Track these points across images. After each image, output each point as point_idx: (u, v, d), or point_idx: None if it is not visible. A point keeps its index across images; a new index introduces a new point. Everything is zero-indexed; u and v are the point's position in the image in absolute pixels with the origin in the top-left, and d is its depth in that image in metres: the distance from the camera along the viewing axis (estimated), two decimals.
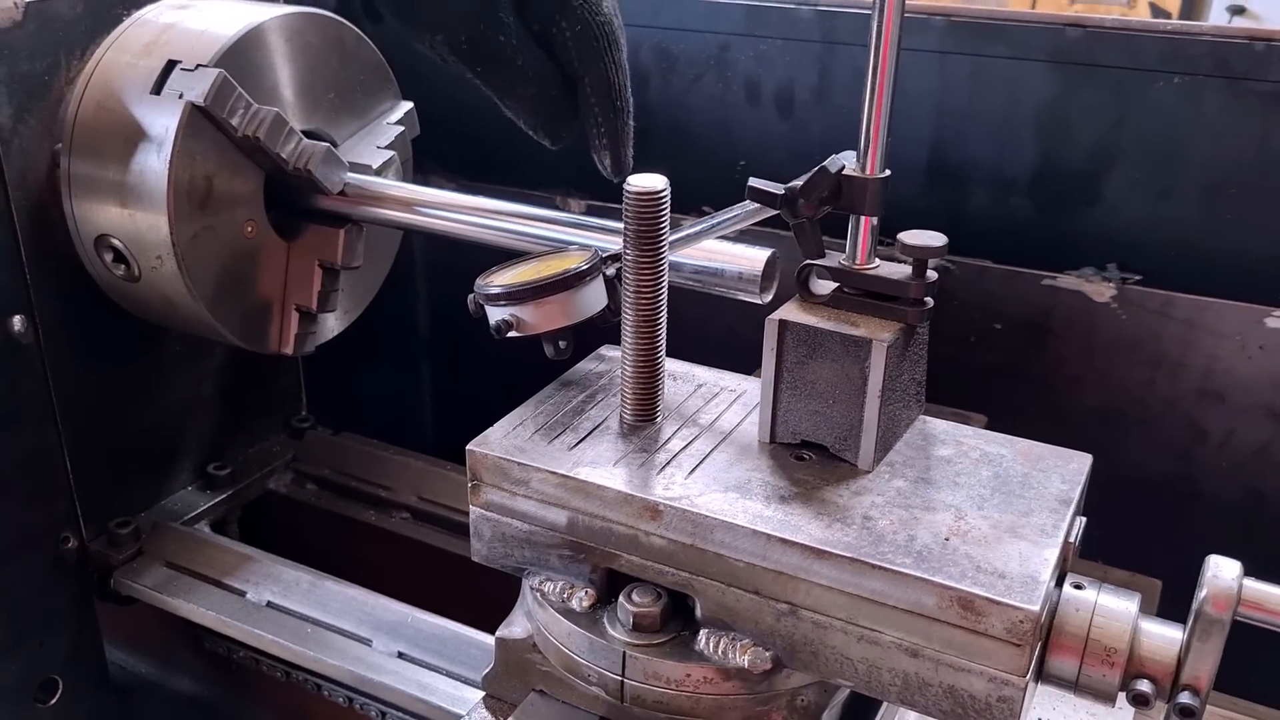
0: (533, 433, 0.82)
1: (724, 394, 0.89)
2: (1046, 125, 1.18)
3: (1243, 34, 1.04)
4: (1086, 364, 1.25)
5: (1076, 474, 0.79)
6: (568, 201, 1.47)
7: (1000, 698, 0.67)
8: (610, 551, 0.77)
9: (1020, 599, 0.65)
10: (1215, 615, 0.68)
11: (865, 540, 0.70)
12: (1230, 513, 1.22)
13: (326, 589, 1.17)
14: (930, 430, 0.84)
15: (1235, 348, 1.17)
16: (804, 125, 1.29)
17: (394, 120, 1.23)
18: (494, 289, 0.86)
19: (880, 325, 0.77)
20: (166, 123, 1.03)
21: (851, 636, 0.71)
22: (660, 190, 0.77)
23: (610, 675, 0.77)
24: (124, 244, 1.08)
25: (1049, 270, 1.24)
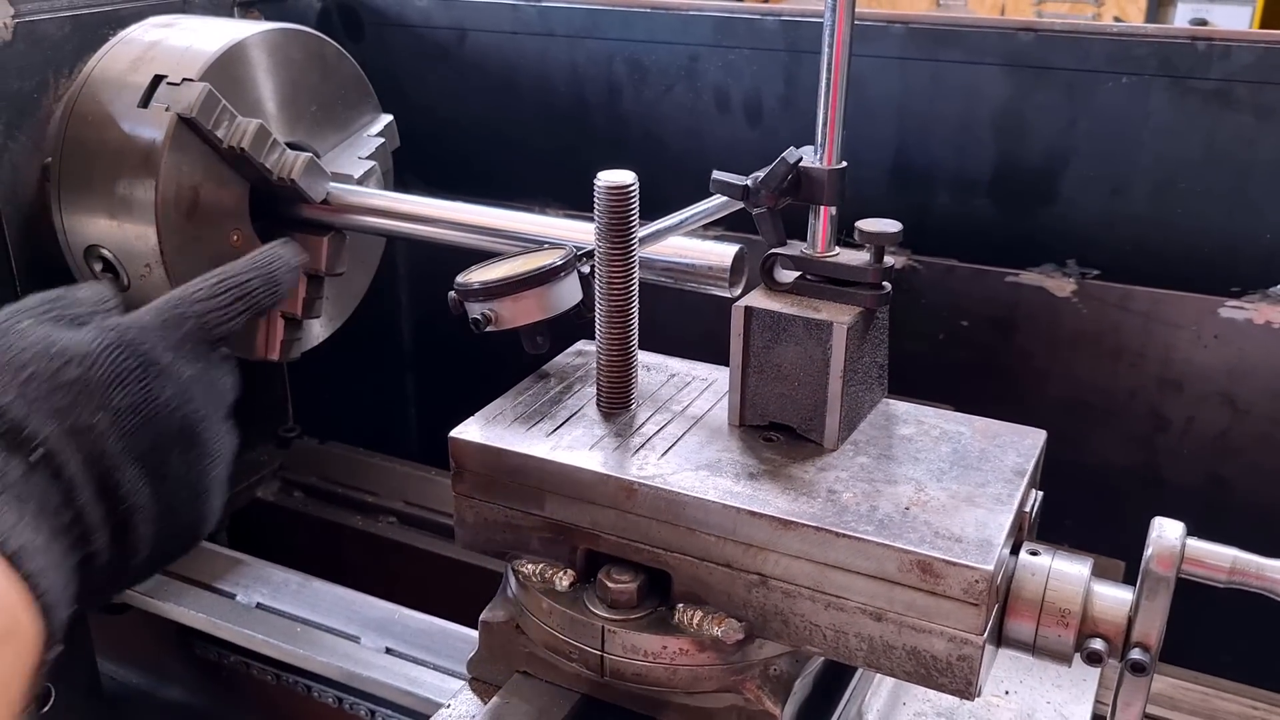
0: (512, 420, 0.86)
1: (696, 382, 0.92)
2: (1004, 127, 1.22)
3: (1185, 34, 1.09)
4: (1050, 357, 1.29)
5: (1031, 448, 0.83)
6: (545, 211, 1.50)
7: (960, 656, 0.71)
8: (588, 531, 0.80)
9: (975, 560, 0.69)
10: (1161, 573, 0.72)
11: (830, 511, 0.74)
12: (1192, 497, 1.26)
13: (315, 589, 1.20)
14: (893, 411, 0.87)
15: (1191, 338, 1.22)
16: (772, 131, 1.33)
17: (374, 132, 1.27)
18: (473, 285, 0.90)
19: (841, 309, 0.80)
20: (153, 135, 1.07)
21: (819, 604, 0.74)
22: (629, 184, 0.80)
23: (590, 650, 0.80)
24: (113, 254, 1.11)
25: (1012, 267, 1.28)
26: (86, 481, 0.63)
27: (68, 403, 0.63)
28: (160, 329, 0.70)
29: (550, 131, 1.46)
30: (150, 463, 0.66)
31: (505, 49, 1.43)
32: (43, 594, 0.57)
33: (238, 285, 0.75)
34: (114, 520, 0.65)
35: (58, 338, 0.66)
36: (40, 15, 1.12)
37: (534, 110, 1.45)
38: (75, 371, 0.64)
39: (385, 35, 1.48)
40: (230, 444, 0.74)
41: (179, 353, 0.70)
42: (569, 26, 1.38)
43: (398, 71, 1.45)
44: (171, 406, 0.68)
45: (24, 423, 0.61)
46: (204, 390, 0.71)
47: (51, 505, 0.61)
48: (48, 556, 0.59)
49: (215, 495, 0.73)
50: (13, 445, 0.60)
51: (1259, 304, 1.15)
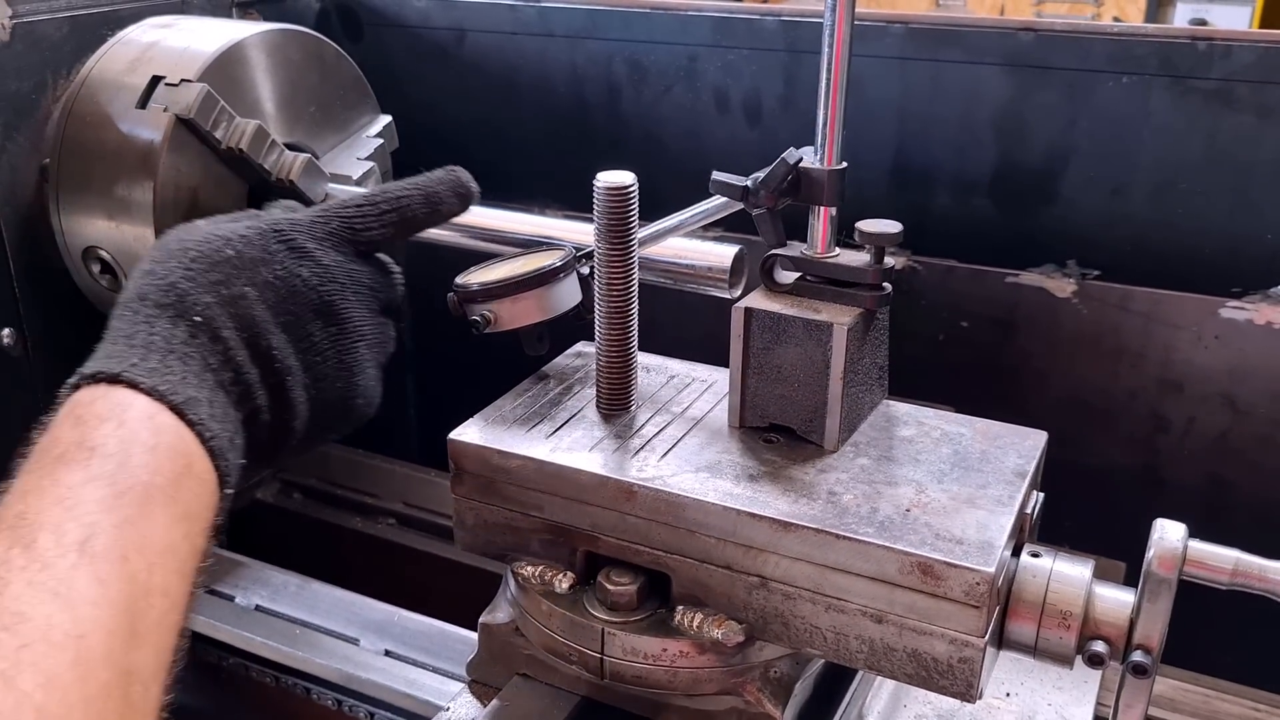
0: (511, 422, 0.85)
1: (695, 384, 0.92)
2: (1004, 127, 1.22)
3: (1186, 33, 1.09)
4: (1050, 358, 1.29)
5: (1032, 449, 0.82)
6: (545, 212, 1.50)
7: (961, 659, 0.71)
8: (588, 533, 0.80)
9: (976, 562, 0.69)
10: (1163, 575, 0.71)
11: (830, 513, 0.74)
12: (1192, 498, 1.26)
13: (314, 591, 1.19)
14: (893, 413, 0.87)
15: (1192, 338, 1.21)
16: (771, 132, 1.33)
17: (373, 133, 1.26)
18: (472, 286, 0.89)
19: (841, 310, 0.80)
20: (152, 136, 1.07)
21: (819, 606, 0.74)
22: (628, 185, 0.80)
23: (590, 653, 0.80)
24: (111, 255, 1.11)
25: (1012, 268, 1.28)
26: (241, 344, 0.73)
27: (223, 277, 0.74)
28: (309, 224, 0.82)
29: (549, 132, 1.46)
30: (294, 331, 0.77)
31: (504, 49, 1.43)
32: (210, 438, 0.66)
33: (389, 199, 0.86)
34: (270, 380, 0.75)
35: (221, 228, 0.78)
36: (38, 16, 1.11)
37: (533, 111, 1.45)
38: (230, 251, 0.75)
39: (384, 36, 1.48)
40: (378, 333, 0.84)
41: (321, 244, 0.80)
42: (568, 27, 1.38)
43: (397, 72, 1.45)
44: (312, 284, 0.78)
45: (188, 294, 0.71)
46: (344, 277, 0.81)
47: (214, 363, 0.71)
48: (212, 408, 0.68)
49: (362, 374, 0.82)
50: (179, 314, 0.71)
51: (1260, 305, 1.15)
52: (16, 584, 0.53)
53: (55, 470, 0.59)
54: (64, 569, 0.54)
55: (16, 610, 0.52)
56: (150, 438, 0.63)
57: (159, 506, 0.61)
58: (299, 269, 0.78)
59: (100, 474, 0.60)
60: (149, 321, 0.70)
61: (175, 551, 0.61)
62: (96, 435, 0.62)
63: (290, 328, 0.77)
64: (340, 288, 0.80)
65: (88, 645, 0.52)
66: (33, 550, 0.54)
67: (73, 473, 0.59)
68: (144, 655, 0.56)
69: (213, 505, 0.67)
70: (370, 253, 0.85)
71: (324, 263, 0.80)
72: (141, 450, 0.62)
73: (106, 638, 0.54)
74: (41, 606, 0.52)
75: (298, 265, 0.78)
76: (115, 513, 0.58)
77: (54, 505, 0.57)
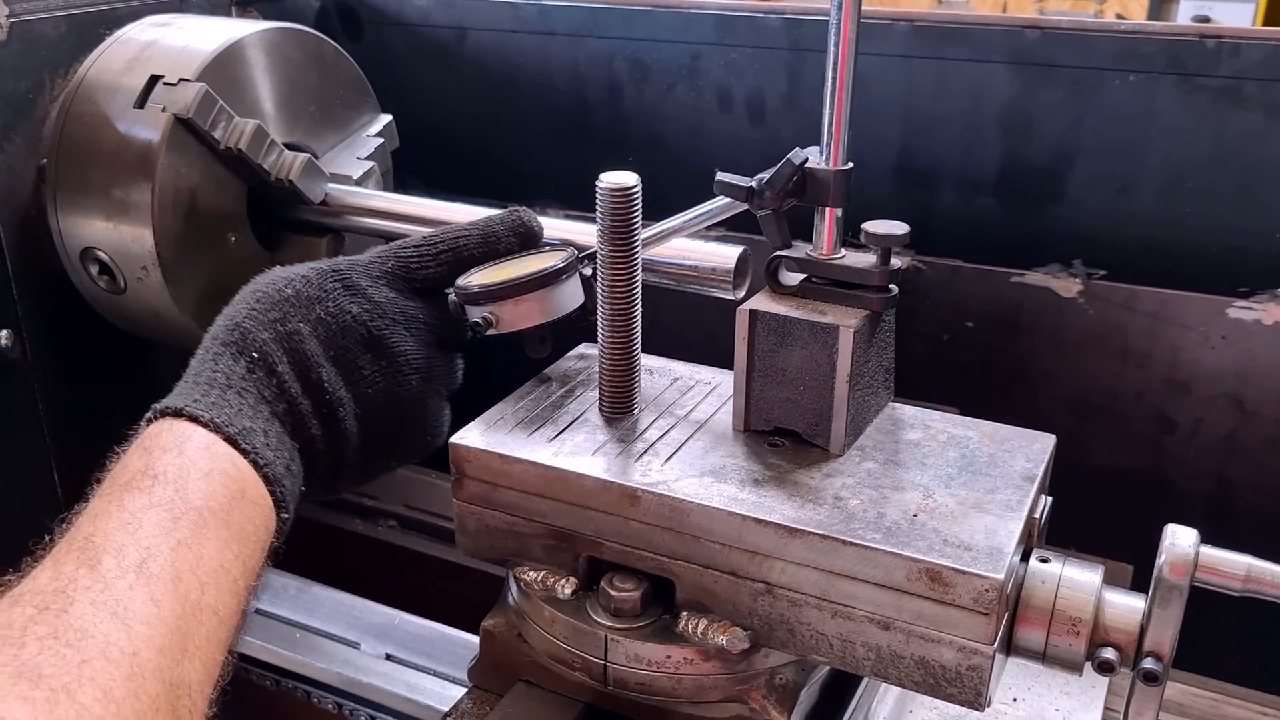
0: (513, 426, 0.85)
1: (699, 386, 0.91)
2: (1009, 126, 1.21)
3: (1193, 31, 1.08)
4: (1056, 358, 1.28)
5: (1040, 453, 0.81)
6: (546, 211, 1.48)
7: (969, 666, 0.70)
8: (591, 539, 0.79)
9: (985, 569, 0.68)
10: (1174, 581, 0.70)
11: (836, 518, 0.73)
12: (1199, 500, 1.25)
13: (314, 594, 1.19)
14: (899, 416, 0.86)
15: (1199, 339, 1.20)
16: (775, 131, 1.32)
17: (373, 132, 1.25)
18: (473, 288, 0.88)
19: (847, 312, 0.79)
20: (150, 136, 1.06)
21: (825, 612, 0.73)
22: (631, 186, 0.79)
23: (593, 660, 0.79)
24: (109, 256, 1.09)
25: (1017, 268, 1.27)
26: (294, 377, 0.78)
27: (281, 315, 0.79)
28: (366, 264, 0.86)
29: (551, 131, 1.44)
30: (344, 364, 0.81)
31: (505, 48, 1.42)
32: (264, 465, 0.71)
33: (446, 239, 0.89)
34: (322, 411, 0.79)
35: (288, 270, 0.83)
36: (35, 15, 1.10)
37: (534, 109, 1.43)
38: (290, 291, 0.80)
39: (384, 34, 1.47)
40: (434, 366, 0.87)
41: (375, 282, 0.85)
42: (569, 25, 1.37)
43: (397, 70, 1.44)
44: (362, 320, 0.82)
45: (249, 332, 0.77)
46: (397, 313, 0.85)
47: (269, 396, 0.76)
48: (267, 437, 0.73)
49: (416, 405, 0.86)
50: (240, 350, 0.76)
51: (1268, 304, 1.14)
52: (81, 603, 0.58)
53: (122, 496, 0.66)
54: (122, 589, 0.60)
55: (80, 628, 0.57)
56: (206, 465, 0.69)
57: (212, 530, 0.67)
58: (350, 305, 0.82)
59: (160, 500, 0.66)
60: (215, 359, 0.76)
61: (227, 571, 0.66)
62: (159, 464, 0.68)
63: (340, 361, 0.81)
64: (391, 323, 0.84)
65: (140, 661, 0.57)
66: (97, 571, 0.60)
67: (137, 498, 0.66)
68: (192, 669, 0.61)
69: (268, 528, 0.72)
70: (429, 290, 0.88)
71: (376, 299, 0.84)
72: (198, 477, 0.68)
73: (157, 654, 0.59)
74: (101, 625, 0.58)
75: (349, 302, 0.82)
76: (171, 536, 0.64)
77: (118, 529, 0.63)
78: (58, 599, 0.59)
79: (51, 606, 0.58)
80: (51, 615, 0.57)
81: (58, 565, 0.61)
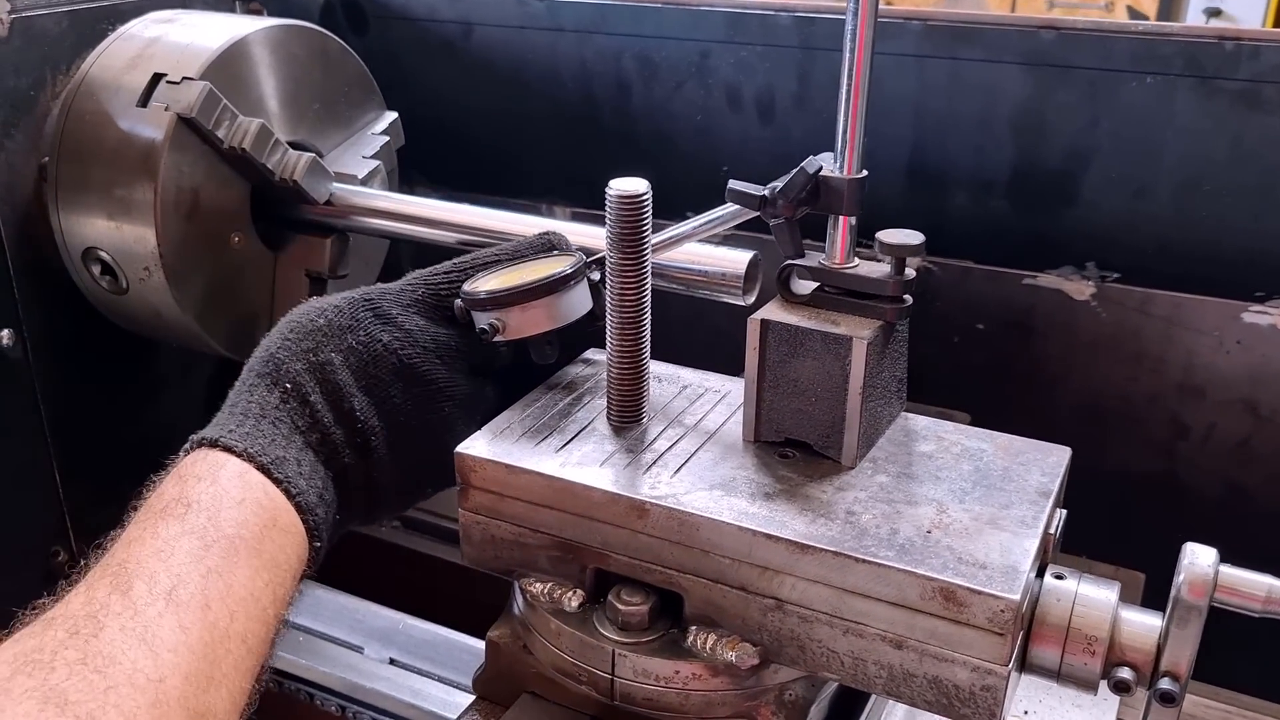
0: (520, 435, 0.83)
1: (709, 394, 0.90)
2: (1023, 127, 1.19)
3: (1212, 33, 1.06)
4: (1068, 362, 1.26)
5: (1056, 466, 0.80)
6: (553, 210, 1.48)
7: (984, 687, 0.68)
8: (598, 551, 0.78)
9: (1001, 588, 0.67)
10: (1193, 601, 0.69)
11: (849, 534, 0.72)
12: (1212, 507, 1.24)
13: (317, 597, 1.18)
14: (912, 426, 0.85)
15: (1214, 343, 1.19)
16: (785, 130, 1.30)
17: (379, 130, 1.24)
18: (480, 294, 0.87)
19: (860, 323, 0.78)
20: (153, 135, 1.04)
21: (837, 630, 0.72)
22: (642, 193, 0.78)
23: (600, 674, 0.78)
24: (111, 256, 1.08)
25: (1029, 270, 1.25)
26: (326, 407, 0.78)
27: (314, 345, 0.79)
28: (397, 292, 0.86)
29: (558, 129, 1.43)
30: (376, 394, 0.81)
31: (512, 44, 1.40)
32: (297, 494, 0.72)
33: (476, 264, 0.89)
34: (355, 440, 0.79)
35: (321, 300, 0.83)
36: (38, 10, 1.09)
37: (542, 107, 1.42)
38: (322, 321, 0.81)
39: (390, 29, 1.45)
40: (467, 393, 0.86)
41: (406, 310, 0.85)
42: (577, 21, 1.35)
43: (403, 67, 1.42)
44: (393, 349, 0.82)
45: (283, 363, 0.78)
46: (428, 341, 0.84)
47: (302, 426, 0.76)
48: (300, 466, 0.74)
49: (449, 432, 0.85)
50: (274, 381, 0.77)
51: None
52: (110, 629, 0.59)
53: (156, 523, 0.66)
54: (152, 616, 0.60)
55: (108, 654, 0.57)
56: (239, 494, 0.70)
57: (243, 558, 0.67)
58: (380, 334, 0.82)
59: (193, 527, 0.66)
60: (250, 390, 0.77)
61: (257, 600, 0.67)
62: (193, 492, 0.69)
63: (372, 390, 0.81)
64: (423, 351, 0.84)
65: (166, 689, 0.58)
66: (128, 597, 0.61)
67: (170, 526, 0.66)
68: (218, 698, 0.61)
69: (300, 557, 0.73)
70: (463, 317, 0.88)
71: (406, 328, 0.84)
72: (230, 505, 0.69)
73: (183, 682, 0.59)
74: (129, 651, 0.58)
75: (380, 331, 0.83)
76: (202, 563, 0.65)
77: (151, 556, 0.64)
78: (88, 624, 0.59)
79: (82, 631, 0.59)
80: (81, 640, 0.58)
81: (90, 590, 0.62)
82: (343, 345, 0.80)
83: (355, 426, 0.79)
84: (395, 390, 0.82)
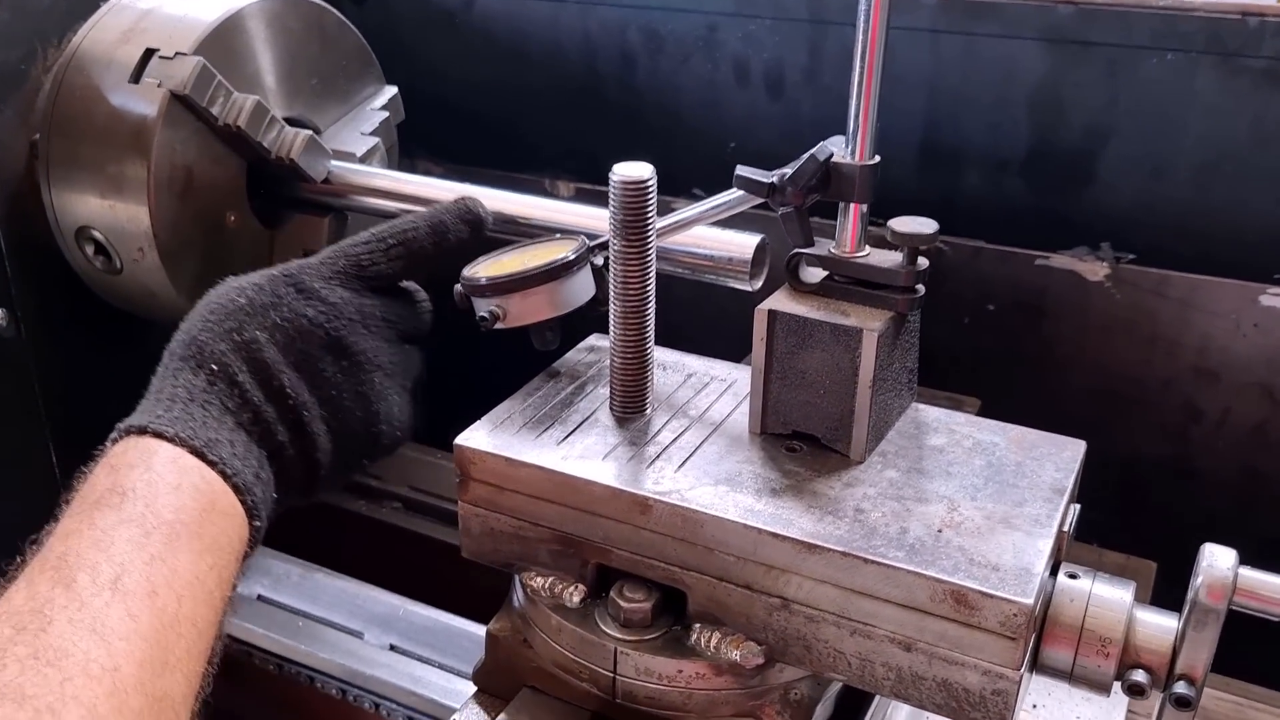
0: (520, 426, 0.81)
1: (714, 383, 0.87)
2: (1040, 104, 1.16)
3: (1235, 9, 1.03)
4: (1081, 344, 1.24)
5: (1070, 461, 0.78)
6: (556, 184, 1.45)
7: (994, 690, 0.67)
8: (600, 546, 0.76)
9: (1014, 592, 0.65)
10: (1211, 605, 0.67)
11: (857, 533, 0.70)
12: (1226, 492, 1.22)
13: (317, 581, 1.16)
14: (922, 418, 0.83)
15: (1230, 326, 1.17)
16: (794, 105, 1.27)
17: (378, 106, 1.21)
18: (480, 280, 0.85)
19: (870, 314, 0.75)
20: (145, 112, 1.01)
21: (844, 630, 0.70)
22: (646, 179, 0.75)
23: (602, 671, 0.76)
24: (105, 236, 1.06)
25: (1042, 250, 1.23)
26: (255, 386, 0.76)
27: (236, 324, 0.78)
28: (317, 266, 0.84)
29: (561, 102, 1.40)
30: (305, 369, 0.80)
31: (514, 15, 1.37)
32: (234, 476, 0.71)
33: (395, 233, 0.87)
34: (288, 417, 0.78)
35: (239, 280, 0.82)
36: None
37: (544, 80, 1.39)
38: (242, 300, 0.79)
39: (389, 1, 1.42)
40: (396, 362, 0.86)
41: (329, 283, 0.83)
42: None
43: (402, 39, 1.40)
44: (318, 322, 0.81)
45: (205, 345, 0.76)
46: (354, 313, 0.83)
47: (232, 406, 0.75)
48: (234, 448, 0.73)
49: (382, 402, 0.84)
50: (199, 364, 0.76)
51: None
52: (59, 622, 0.58)
53: (92, 514, 0.65)
54: (99, 606, 0.59)
55: (59, 647, 0.57)
56: (175, 479, 0.69)
57: (184, 542, 0.66)
58: (305, 309, 0.81)
59: (131, 516, 0.65)
60: (174, 375, 0.75)
61: (203, 583, 0.66)
62: (127, 480, 0.67)
63: (301, 366, 0.80)
64: (349, 323, 0.83)
65: (122, 677, 0.57)
66: (72, 590, 0.60)
67: (107, 516, 0.65)
68: (174, 681, 0.61)
69: (241, 537, 0.72)
70: (384, 286, 0.87)
71: (330, 300, 0.83)
72: (167, 491, 0.68)
73: (138, 669, 0.58)
74: (80, 643, 0.57)
75: (304, 306, 0.81)
76: (144, 550, 0.64)
77: (91, 547, 0.63)
78: (35, 619, 0.58)
79: (29, 627, 0.58)
80: (30, 635, 0.57)
81: (32, 585, 0.61)
82: (266, 323, 0.79)
83: (286, 403, 0.78)
84: (324, 364, 0.81)
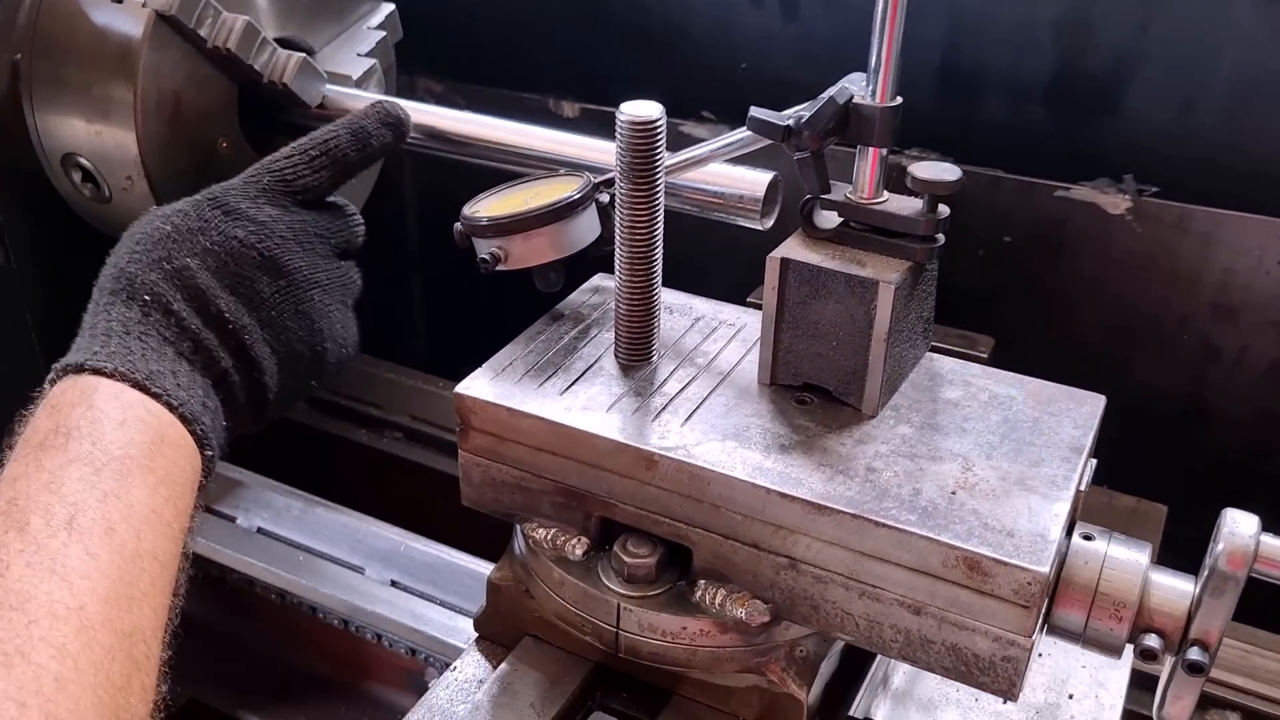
0: (523, 374, 0.79)
1: (723, 328, 0.85)
2: (1066, 29, 1.11)
3: None
4: (1098, 280, 1.21)
5: (1089, 418, 0.76)
6: (560, 104, 1.40)
7: (1005, 657, 0.65)
8: (604, 500, 0.74)
9: (1029, 560, 0.63)
10: (1230, 572, 0.65)
11: (868, 494, 0.68)
12: (1240, 433, 1.20)
13: (317, 515, 1.15)
14: (937, 369, 0.80)
15: (1253, 263, 1.13)
16: (810, 26, 1.22)
17: (374, 24, 1.16)
18: (481, 220, 0.82)
19: (887, 264, 0.72)
20: (130, 33, 0.97)
21: (853, 592, 0.68)
22: (655, 119, 0.72)
23: (605, 626, 0.75)
24: (92, 163, 1.02)
25: (1063, 181, 1.18)
26: (192, 313, 0.75)
27: (165, 253, 0.76)
28: (241, 186, 0.83)
29: (565, 19, 1.35)
30: (242, 291, 0.78)
31: None
32: (179, 405, 0.70)
33: (315, 144, 0.86)
34: (230, 342, 0.77)
35: (163, 209, 0.80)
36: None
37: None
38: (168, 227, 0.78)
39: None
40: (334, 277, 0.85)
41: (255, 202, 0.82)
42: None
43: None
44: (250, 243, 0.79)
45: (135, 276, 0.74)
46: (285, 230, 0.82)
47: (170, 336, 0.73)
48: (177, 378, 0.71)
49: (324, 319, 0.84)
50: (130, 296, 0.74)
51: None
52: (16, 566, 0.57)
53: (38, 456, 0.64)
54: (56, 547, 0.59)
55: (21, 591, 0.56)
56: (119, 414, 0.67)
57: (137, 477, 0.65)
58: (234, 230, 0.79)
59: (78, 455, 0.64)
60: (107, 309, 0.73)
61: (160, 516, 0.65)
62: (70, 420, 0.66)
63: (237, 289, 0.78)
64: (281, 240, 0.82)
65: (88, 614, 0.57)
66: (27, 533, 0.59)
67: (53, 457, 0.63)
68: (142, 616, 0.61)
69: (195, 468, 0.71)
70: (314, 200, 0.86)
71: (259, 219, 0.81)
72: (112, 427, 0.66)
73: (104, 605, 0.58)
74: (41, 585, 0.57)
75: (233, 227, 0.80)
76: (96, 488, 0.63)
77: (41, 489, 0.62)
78: None
79: None
80: None
81: None
82: (197, 248, 0.77)
83: (226, 328, 0.77)
84: (261, 284, 0.79)
